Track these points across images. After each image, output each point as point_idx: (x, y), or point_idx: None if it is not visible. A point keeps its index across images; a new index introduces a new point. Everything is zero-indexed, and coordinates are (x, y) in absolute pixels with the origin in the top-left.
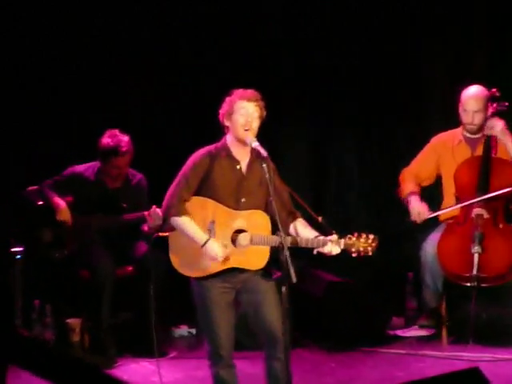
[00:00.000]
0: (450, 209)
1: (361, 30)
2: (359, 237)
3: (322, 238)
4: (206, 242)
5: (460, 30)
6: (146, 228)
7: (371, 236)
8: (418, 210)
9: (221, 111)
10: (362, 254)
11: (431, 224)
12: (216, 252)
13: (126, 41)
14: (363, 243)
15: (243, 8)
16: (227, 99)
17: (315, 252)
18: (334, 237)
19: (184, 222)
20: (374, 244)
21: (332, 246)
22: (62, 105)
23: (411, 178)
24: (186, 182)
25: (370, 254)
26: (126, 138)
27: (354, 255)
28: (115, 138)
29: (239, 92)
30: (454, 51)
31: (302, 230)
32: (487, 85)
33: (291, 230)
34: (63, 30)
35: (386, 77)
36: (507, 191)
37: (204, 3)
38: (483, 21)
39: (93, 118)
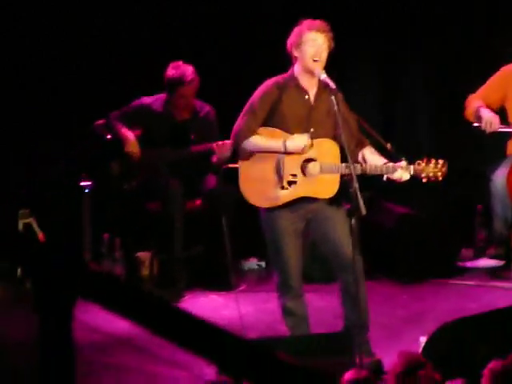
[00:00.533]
0: None
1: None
2: (429, 162)
3: (391, 164)
4: (285, 142)
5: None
6: (215, 159)
7: (441, 161)
8: (490, 119)
9: (289, 41)
10: (432, 179)
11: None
12: (300, 142)
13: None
14: (433, 168)
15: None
16: (296, 29)
17: (385, 178)
18: (404, 163)
19: (256, 139)
20: (443, 169)
21: (402, 172)
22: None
23: (478, 99)
24: (254, 112)
25: (440, 179)
26: (190, 68)
27: (424, 180)
28: (179, 68)
29: (308, 22)
30: None
31: (371, 158)
32: None
33: (360, 157)
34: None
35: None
36: None
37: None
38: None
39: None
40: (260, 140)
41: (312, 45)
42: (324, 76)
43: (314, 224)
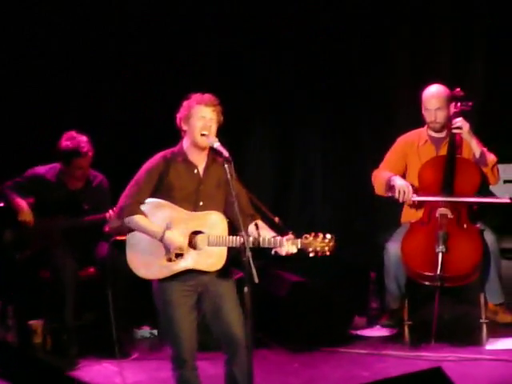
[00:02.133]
0: (432, 198)
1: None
2: (316, 236)
3: (278, 237)
4: (163, 234)
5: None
6: (107, 229)
7: (328, 236)
8: (404, 188)
9: (178, 115)
10: (319, 254)
11: (394, 224)
12: (176, 240)
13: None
14: (320, 243)
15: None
16: (185, 103)
17: (273, 252)
18: (291, 236)
19: (139, 220)
20: (331, 244)
21: (289, 246)
22: (18, 108)
23: (385, 170)
24: (139, 186)
25: (328, 253)
26: (84, 139)
27: (311, 255)
28: (74, 139)
29: (197, 97)
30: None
31: (261, 231)
32: (451, 84)
33: (249, 230)
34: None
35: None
36: (474, 201)
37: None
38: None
39: (49, 120)
40: (142, 222)
41: (200, 119)
42: (217, 144)
43: (206, 299)
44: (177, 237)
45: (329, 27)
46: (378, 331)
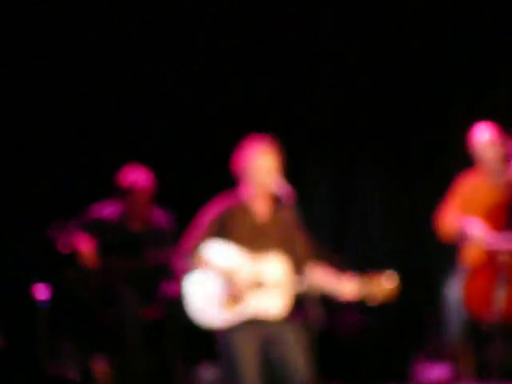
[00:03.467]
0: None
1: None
2: (379, 281)
3: (340, 283)
4: (232, 273)
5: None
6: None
7: (390, 280)
8: (482, 237)
9: (236, 164)
10: (383, 299)
11: (452, 262)
12: (244, 280)
13: (143, 75)
14: (383, 288)
15: None
16: (244, 151)
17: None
18: (353, 281)
19: (205, 262)
20: (393, 289)
21: (351, 291)
22: (77, 142)
23: (452, 213)
24: (202, 234)
25: (392, 298)
26: (145, 173)
27: (374, 302)
28: (131, 174)
29: (256, 144)
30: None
31: (323, 276)
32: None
33: (312, 275)
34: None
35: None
36: None
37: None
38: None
39: (110, 153)
40: (208, 263)
41: (262, 167)
42: (281, 189)
43: (270, 346)
44: (243, 280)
45: (380, 68)
46: (437, 372)
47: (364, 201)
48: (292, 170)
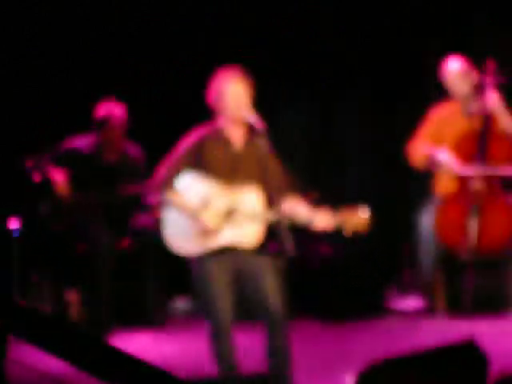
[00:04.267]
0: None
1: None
2: (352, 212)
3: (314, 215)
4: (199, 214)
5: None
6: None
7: (364, 212)
8: (451, 162)
9: (208, 93)
10: (356, 231)
11: (426, 193)
12: (210, 223)
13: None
14: (356, 220)
15: None
16: (214, 82)
17: (311, 228)
18: (327, 214)
19: (173, 197)
20: (367, 223)
21: (325, 222)
22: (56, 77)
23: (423, 143)
24: (176, 163)
25: (365, 230)
26: (119, 107)
27: (348, 233)
28: (109, 107)
29: (226, 74)
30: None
31: (296, 207)
32: (485, 57)
33: (286, 206)
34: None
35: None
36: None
37: None
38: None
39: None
40: (177, 199)
41: (233, 96)
42: (253, 118)
43: (243, 274)
44: (212, 218)
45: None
46: (411, 303)
47: (338, 134)
48: (267, 103)
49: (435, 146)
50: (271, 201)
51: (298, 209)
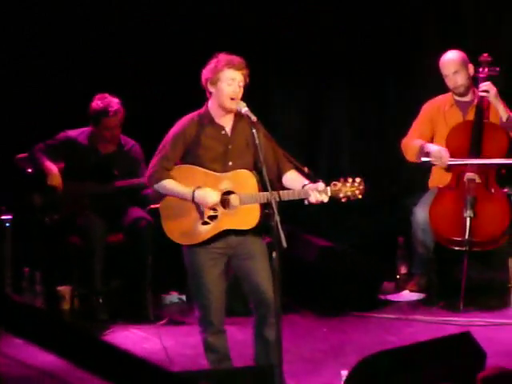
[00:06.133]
0: (467, 161)
1: None
2: (345, 182)
3: (308, 186)
4: (194, 192)
5: None
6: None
7: (357, 179)
8: (441, 152)
9: (204, 76)
10: (351, 198)
11: (421, 188)
12: (209, 196)
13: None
14: (350, 187)
15: None
16: (212, 64)
17: (306, 202)
18: (321, 185)
19: (167, 184)
20: (361, 187)
21: (319, 195)
22: (50, 71)
23: (415, 139)
24: (167, 151)
25: (360, 197)
26: (115, 100)
27: (343, 200)
28: (105, 99)
29: (226, 59)
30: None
31: (291, 183)
32: (478, 50)
33: (283, 180)
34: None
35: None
36: (502, 162)
37: None
38: None
39: (82, 84)
40: (171, 185)
41: (229, 83)
42: (245, 109)
43: (236, 261)
44: (209, 193)
45: None
46: (406, 296)
47: (334, 124)
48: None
49: (428, 140)
50: (267, 183)
51: (294, 183)
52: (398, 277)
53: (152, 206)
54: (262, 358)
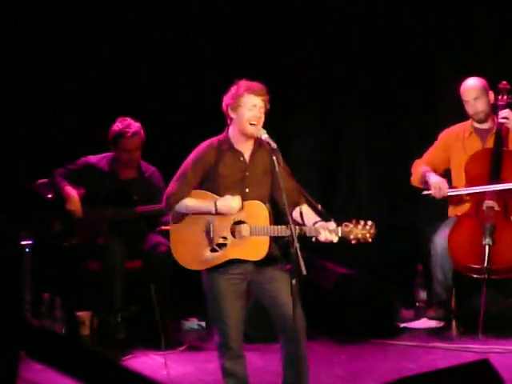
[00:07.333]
0: (472, 190)
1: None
2: (357, 224)
3: (318, 224)
4: (215, 202)
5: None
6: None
7: (369, 223)
8: (438, 184)
9: (225, 101)
10: (361, 241)
11: (440, 217)
12: (232, 201)
13: (134, 33)
14: (361, 230)
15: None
16: (233, 90)
17: (313, 239)
18: (332, 224)
19: (188, 201)
20: (372, 231)
21: (329, 234)
22: (71, 98)
23: (423, 164)
24: (186, 176)
25: (369, 240)
26: (136, 123)
27: (353, 242)
28: (124, 121)
29: (246, 84)
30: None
31: (304, 215)
32: (497, 78)
33: (295, 214)
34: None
35: (396, 70)
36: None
37: None
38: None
39: (102, 111)
40: (191, 201)
41: (250, 109)
42: (265, 136)
43: (258, 287)
44: (230, 199)
45: (368, 25)
46: (424, 323)
47: (351, 159)
48: (280, 124)
49: (436, 167)
50: (281, 215)
51: (306, 217)
52: (416, 304)
53: (163, 228)
54: (291, 380)
